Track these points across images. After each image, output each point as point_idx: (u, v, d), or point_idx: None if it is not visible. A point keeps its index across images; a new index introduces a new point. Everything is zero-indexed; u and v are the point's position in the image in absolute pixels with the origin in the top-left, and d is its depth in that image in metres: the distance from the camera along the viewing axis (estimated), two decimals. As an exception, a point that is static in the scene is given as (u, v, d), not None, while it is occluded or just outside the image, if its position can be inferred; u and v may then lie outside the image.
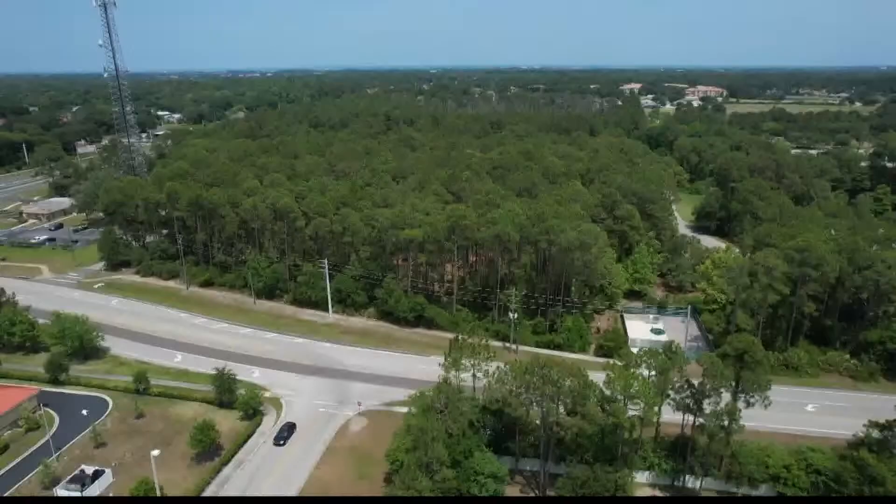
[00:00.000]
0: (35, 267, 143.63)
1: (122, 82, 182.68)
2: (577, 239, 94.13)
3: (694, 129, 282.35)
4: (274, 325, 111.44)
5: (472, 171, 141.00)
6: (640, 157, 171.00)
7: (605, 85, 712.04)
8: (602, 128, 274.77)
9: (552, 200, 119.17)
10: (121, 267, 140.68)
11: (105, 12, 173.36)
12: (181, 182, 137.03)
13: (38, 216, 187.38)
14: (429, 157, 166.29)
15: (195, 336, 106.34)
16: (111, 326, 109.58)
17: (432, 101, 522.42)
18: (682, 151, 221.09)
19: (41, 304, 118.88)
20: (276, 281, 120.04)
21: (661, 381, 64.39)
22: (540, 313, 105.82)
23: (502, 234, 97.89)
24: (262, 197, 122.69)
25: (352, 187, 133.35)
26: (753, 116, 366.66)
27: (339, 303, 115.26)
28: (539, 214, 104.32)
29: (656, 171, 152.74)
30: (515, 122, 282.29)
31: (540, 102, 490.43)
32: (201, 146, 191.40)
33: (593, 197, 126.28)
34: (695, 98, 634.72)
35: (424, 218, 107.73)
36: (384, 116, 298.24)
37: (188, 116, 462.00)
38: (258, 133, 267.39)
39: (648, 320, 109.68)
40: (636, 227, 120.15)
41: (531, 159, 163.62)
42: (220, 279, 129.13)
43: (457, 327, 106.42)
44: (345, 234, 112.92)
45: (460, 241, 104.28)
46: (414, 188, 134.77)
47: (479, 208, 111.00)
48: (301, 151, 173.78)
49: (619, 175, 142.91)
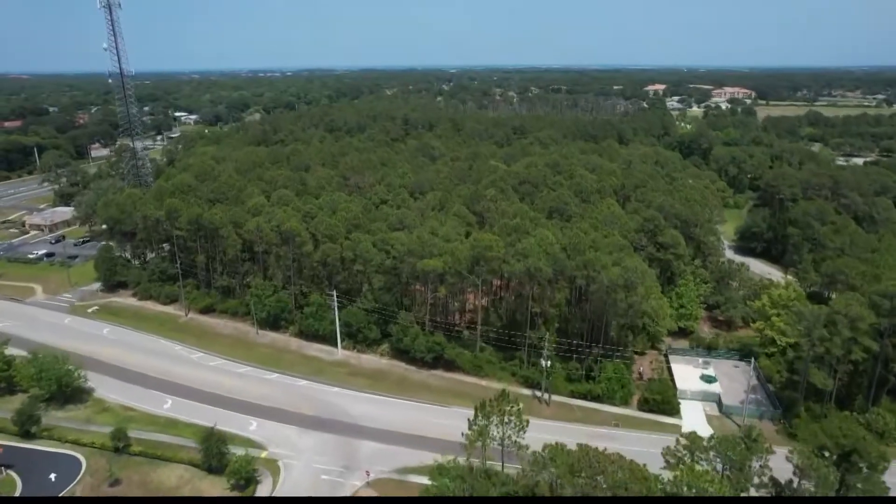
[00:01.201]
0: (28, 287, 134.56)
1: (127, 88, 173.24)
2: (622, 277, 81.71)
3: (728, 136, 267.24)
4: (276, 363, 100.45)
5: (497, 187, 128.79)
6: (678, 172, 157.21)
7: (628, 86, 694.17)
8: (631, 134, 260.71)
9: (587, 225, 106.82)
10: (118, 288, 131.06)
11: (110, 14, 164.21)
12: (182, 197, 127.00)
13: (40, 227, 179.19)
14: (449, 169, 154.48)
15: (189, 375, 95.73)
16: (99, 361, 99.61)
17: (452, 103, 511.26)
18: (719, 162, 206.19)
19: (28, 333, 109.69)
20: (281, 311, 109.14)
21: (739, 477, 51.84)
22: (574, 356, 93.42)
23: (533, 268, 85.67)
24: (268, 217, 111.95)
25: (365, 206, 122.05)
26: (788, 120, 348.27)
27: (350, 337, 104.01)
28: (575, 245, 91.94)
29: (698, 188, 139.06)
30: (539, 127, 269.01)
31: (563, 105, 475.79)
32: (209, 155, 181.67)
33: (632, 220, 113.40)
34: (722, 100, 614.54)
35: (445, 245, 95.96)
36: (402, 120, 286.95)
37: (204, 118, 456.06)
38: (272, 138, 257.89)
39: (697, 364, 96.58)
40: (681, 255, 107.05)
41: (560, 172, 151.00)
42: (221, 305, 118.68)
43: (480, 370, 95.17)
44: (356, 262, 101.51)
45: (485, 275, 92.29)
46: (433, 207, 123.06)
47: (506, 235, 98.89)
48: (313, 161, 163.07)
49: (659, 193, 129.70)
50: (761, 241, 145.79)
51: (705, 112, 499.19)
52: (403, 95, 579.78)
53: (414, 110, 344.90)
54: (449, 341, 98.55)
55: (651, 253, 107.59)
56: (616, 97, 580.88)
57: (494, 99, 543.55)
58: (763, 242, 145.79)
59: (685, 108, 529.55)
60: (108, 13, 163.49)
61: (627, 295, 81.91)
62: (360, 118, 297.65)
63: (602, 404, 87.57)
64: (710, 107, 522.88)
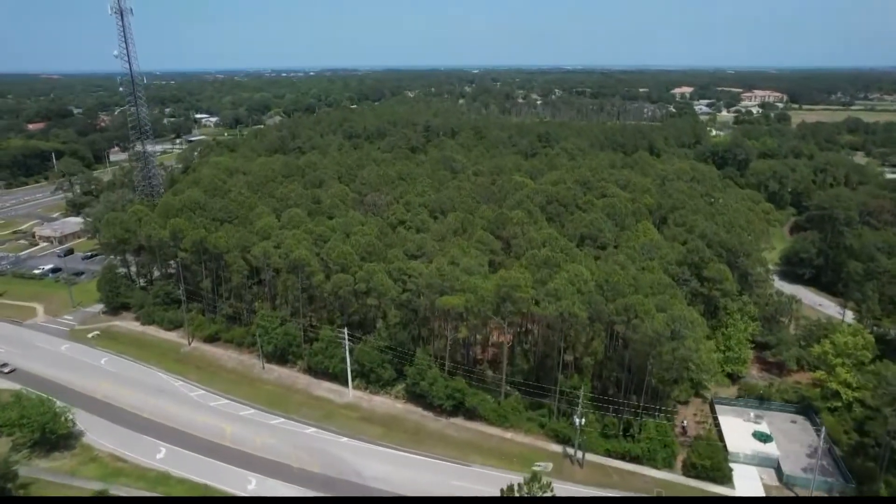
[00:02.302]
0: (30, 307, 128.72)
1: (138, 96, 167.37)
2: (668, 327, 71.84)
3: (765, 146, 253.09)
4: (282, 404, 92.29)
5: (524, 208, 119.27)
6: (718, 191, 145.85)
7: (654, 88, 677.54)
8: (662, 143, 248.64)
9: (624, 257, 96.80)
10: (121, 310, 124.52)
11: (121, 19, 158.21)
12: (189, 216, 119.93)
13: (50, 239, 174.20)
14: (472, 185, 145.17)
15: (187, 418, 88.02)
16: (93, 398, 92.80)
17: (474, 106, 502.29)
18: (759, 176, 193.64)
19: (21, 362, 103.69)
20: (289, 344, 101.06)
21: None
22: (611, 407, 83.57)
23: (567, 313, 76.14)
24: (277, 241, 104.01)
25: (381, 229, 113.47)
26: (826, 127, 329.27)
27: (362, 376, 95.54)
28: (614, 284, 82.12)
29: (742, 210, 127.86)
30: (565, 135, 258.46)
31: (588, 109, 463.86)
32: (223, 166, 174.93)
33: (673, 250, 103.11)
34: (753, 104, 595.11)
35: (467, 280, 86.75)
36: (423, 127, 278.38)
37: (224, 121, 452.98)
38: (289, 146, 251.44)
39: (748, 418, 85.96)
40: (729, 292, 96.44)
41: (590, 189, 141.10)
42: (226, 334, 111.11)
43: (505, 421, 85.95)
44: (370, 295, 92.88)
45: (512, 317, 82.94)
46: (454, 230, 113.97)
47: (535, 269, 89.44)
48: (328, 174, 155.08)
49: (699, 217, 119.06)
50: (810, 267, 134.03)
51: (736, 117, 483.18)
52: (425, 98, 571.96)
53: (436, 115, 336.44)
54: (470, 383, 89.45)
55: (695, 288, 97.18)
56: (642, 100, 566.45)
57: (517, 102, 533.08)
58: (812, 269, 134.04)
59: (714, 113, 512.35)
60: (119, 19, 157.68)
61: (675, 348, 71.98)
62: (381, 123, 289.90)
63: (642, 466, 77.76)
64: (741, 112, 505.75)
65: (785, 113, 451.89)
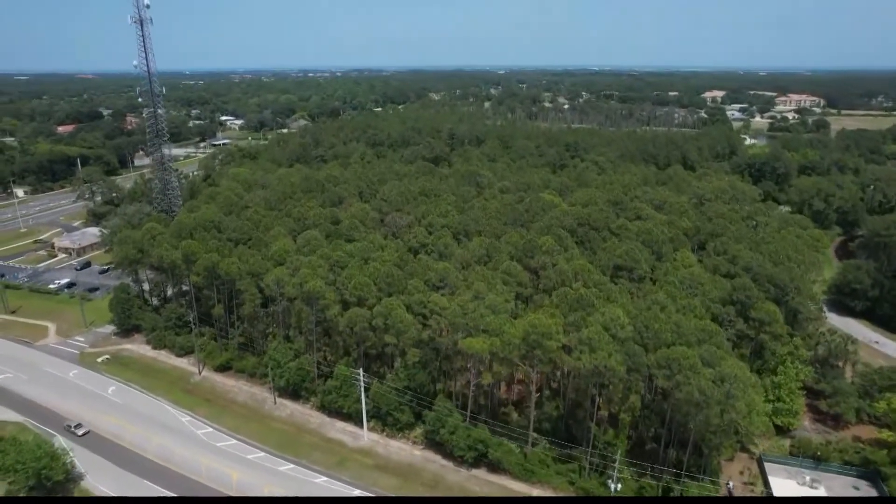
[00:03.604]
0: (42, 326, 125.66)
1: (157, 105, 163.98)
2: (716, 387, 64.13)
3: (806, 158, 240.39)
4: (292, 447, 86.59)
5: (553, 233, 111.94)
6: (761, 215, 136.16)
7: (684, 92, 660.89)
8: (696, 154, 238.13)
9: (664, 294, 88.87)
10: (133, 332, 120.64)
11: (141, 29, 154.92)
12: (203, 236, 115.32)
13: (68, 250, 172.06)
14: (498, 204, 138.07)
15: (192, 461, 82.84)
16: (96, 435, 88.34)
17: (500, 110, 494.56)
18: (802, 194, 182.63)
19: (26, 389, 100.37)
20: (302, 380, 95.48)
21: None
22: (649, 466, 75.99)
23: (603, 367, 68.85)
24: (291, 268, 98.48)
25: (401, 255, 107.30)
26: (869, 136, 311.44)
27: (378, 418, 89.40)
28: (656, 332, 74.55)
29: (789, 238, 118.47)
30: (594, 143, 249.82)
31: (617, 115, 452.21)
32: (241, 178, 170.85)
33: (716, 285, 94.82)
34: (788, 108, 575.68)
35: (492, 319, 79.94)
36: (448, 135, 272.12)
37: (249, 124, 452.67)
38: (311, 154, 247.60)
39: (803, 481, 77.47)
40: (779, 335, 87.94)
41: (623, 210, 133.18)
42: (238, 363, 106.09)
43: (532, 476, 79.00)
44: (387, 332, 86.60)
45: (541, 366, 75.85)
46: (479, 258, 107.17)
47: (567, 309, 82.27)
48: (349, 190, 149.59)
49: (742, 246, 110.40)
50: (864, 299, 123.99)
51: (771, 123, 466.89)
52: (450, 102, 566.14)
53: (461, 121, 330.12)
54: (494, 429, 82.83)
55: (741, 330, 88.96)
56: (672, 105, 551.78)
57: (544, 107, 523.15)
58: (866, 301, 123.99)
59: (747, 119, 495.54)
60: (139, 28, 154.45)
61: (723, 410, 64.27)
62: (404, 129, 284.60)
63: (684, 537, 70.18)
64: (776, 118, 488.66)
65: (823, 119, 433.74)
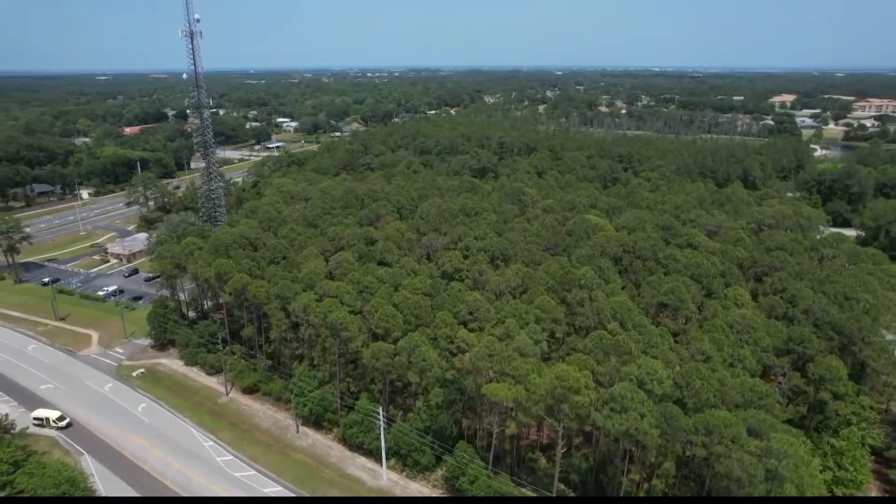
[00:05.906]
0: (86, 334, 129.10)
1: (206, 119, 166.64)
2: (763, 465, 57.29)
3: (885, 175, 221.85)
4: (310, 481, 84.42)
5: (594, 263, 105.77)
6: (828, 246, 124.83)
7: (750, 96, 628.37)
8: (758, 169, 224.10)
9: (708, 342, 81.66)
10: (168, 345, 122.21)
11: (191, 42, 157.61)
12: (237, 253, 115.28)
13: (119, 256, 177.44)
14: (539, 225, 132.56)
15: (208, 491, 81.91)
16: (121, 455, 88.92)
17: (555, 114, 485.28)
18: (878, 219, 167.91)
19: (62, 400, 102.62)
20: (325, 409, 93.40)
21: None
22: (683, 535, 69.66)
23: (634, 430, 63.00)
24: (319, 293, 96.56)
25: (434, 281, 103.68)
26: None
27: (398, 457, 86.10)
28: (696, 391, 67.95)
29: (860, 276, 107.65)
30: (649, 155, 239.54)
31: (676, 122, 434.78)
32: (285, 189, 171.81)
33: (771, 332, 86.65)
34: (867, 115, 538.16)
35: (519, 364, 75.13)
36: (497, 143, 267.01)
37: (304, 126, 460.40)
38: (359, 161, 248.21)
39: (863, 564, 69.32)
40: (843, 395, 79.17)
41: (674, 236, 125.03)
42: (265, 385, 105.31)
43: (554, 536, 73.46)
44: (411, 369, 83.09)
45: (567, 422, 70.48)
46: (514, 288, 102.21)
47: (602, 356, 76.55)
48: (389, 205, 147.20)
49: (804, 285, 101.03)
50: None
51: (846, 132, 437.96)
52: (503, 106, 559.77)
53: (512, 128, 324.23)
54: (517, 480, 78.26)
55: (797, 386, 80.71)
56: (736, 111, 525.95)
57: (600, 112, 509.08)
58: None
59: (819, 127, 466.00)
60: (189, 42, 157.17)
61: (769, 490, 57.36)
62: (454, 137, 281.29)
63: None
64: (852, 125, 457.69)
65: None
